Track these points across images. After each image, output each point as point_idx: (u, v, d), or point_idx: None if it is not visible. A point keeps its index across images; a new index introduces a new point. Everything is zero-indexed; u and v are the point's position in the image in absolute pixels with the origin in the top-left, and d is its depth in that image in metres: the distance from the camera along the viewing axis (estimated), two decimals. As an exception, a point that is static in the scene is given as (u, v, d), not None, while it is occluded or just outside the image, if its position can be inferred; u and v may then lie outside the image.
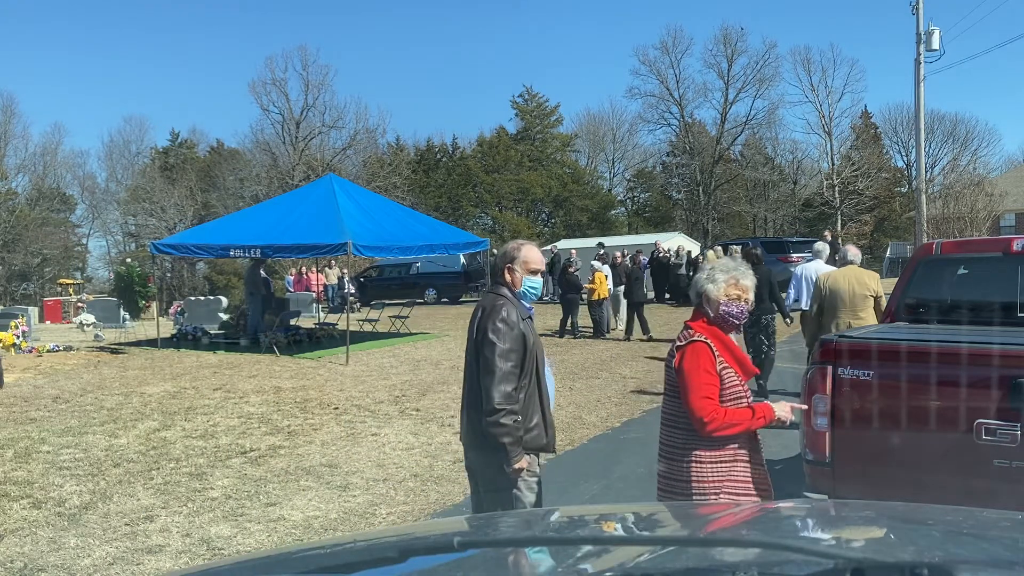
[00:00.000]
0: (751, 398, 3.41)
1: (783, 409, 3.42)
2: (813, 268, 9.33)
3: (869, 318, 7.35)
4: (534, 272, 3.81)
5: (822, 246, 9.90)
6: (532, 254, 3.82)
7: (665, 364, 3.53)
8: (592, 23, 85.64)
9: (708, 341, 3.35)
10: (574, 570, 1.38)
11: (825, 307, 7.64)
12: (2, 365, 11.53)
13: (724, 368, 3.34)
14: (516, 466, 3.56)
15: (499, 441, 3.52)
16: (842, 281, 7.63)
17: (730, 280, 3.39)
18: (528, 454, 3.64)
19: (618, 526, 1.78)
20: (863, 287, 7.56)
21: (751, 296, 3.45)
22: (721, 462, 3.30)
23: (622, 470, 6.93)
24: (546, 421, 3.74)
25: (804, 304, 9.20)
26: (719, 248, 23.01)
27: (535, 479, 3.70)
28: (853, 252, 8.12)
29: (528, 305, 3.84)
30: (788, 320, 10.28)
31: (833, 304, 7.57)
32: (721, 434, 3.25)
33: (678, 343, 3.43)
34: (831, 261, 10.10)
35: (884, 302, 6.98)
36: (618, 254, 19.36)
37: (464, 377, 3.86)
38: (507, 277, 3.76)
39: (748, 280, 3.43)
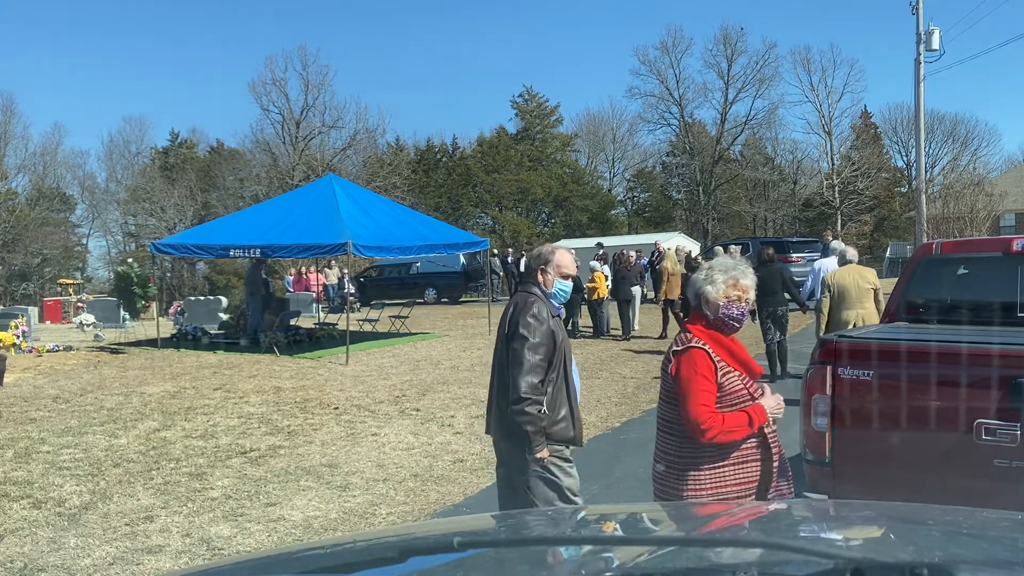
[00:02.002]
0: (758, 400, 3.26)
1: (771, 403, 3.25)
2: (831, 264, 10.43)
3: (872, 308, 8.37)
4: (565, 276, 4.06)
5: (838, 244, 11.19)
6: (565, 259, 4.08)
7: (661, 368, 3.41)
8: (592, 23, 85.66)
9: (706, 347, 3.20)
10: (574, 570, 1.38)
11: (834, 302, 8.63)
12: (5, 366, 11.53)
13: (726, 373, 3.20)
14: (538, 455, 3.75)
15: (522, 429, 3.72)
16: (848, 278, 8.66)
17: (729, 280, 3.24)
18: (557, 445, 3.85)
19: (618, 526, 1.78)
20: (865, 281, 8.63)
21: (751, 296, 3.31)
22: (719, 469, 3.18)
23: (622, 470, 6.94)
24: (573, 415, 3.93)
25: (819, 295, 10.49)
26: (719, 248, 22.95)
27: (570, 464, 3.93)
28: (852, 252, 9.39)
29: (557, 305, 4.07)
30: (804, 309, 11.36)
31: (842, 298, 8.56)
32: (720, 441, 3.13)
33: (674, 348, 3.29)
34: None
35: (882, 294, 8.11)
36: (633, 254, 19.29)
37: (492, 371, 4.07)
38: (540, 278, 4.02)
39: (748, 279, 3.28)
